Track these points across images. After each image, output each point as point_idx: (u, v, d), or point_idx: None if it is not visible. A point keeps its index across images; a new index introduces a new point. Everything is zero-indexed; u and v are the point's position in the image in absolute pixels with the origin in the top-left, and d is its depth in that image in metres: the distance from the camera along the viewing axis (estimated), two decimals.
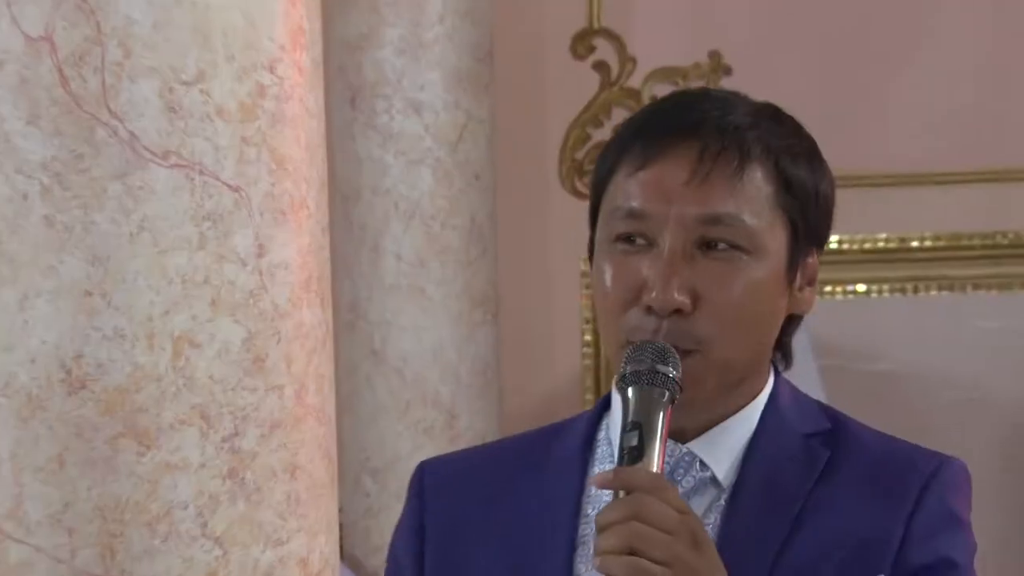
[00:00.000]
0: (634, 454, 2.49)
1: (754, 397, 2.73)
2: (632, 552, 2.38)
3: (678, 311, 2.60)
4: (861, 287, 8.56)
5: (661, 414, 2.53)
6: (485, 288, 8.31)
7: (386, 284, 8.08)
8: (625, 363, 2.59)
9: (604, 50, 8.98)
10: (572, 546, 2.73)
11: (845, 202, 2.93)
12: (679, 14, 8.91)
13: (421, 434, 8.12)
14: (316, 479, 3.72)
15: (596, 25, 8.97)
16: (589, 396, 8.96)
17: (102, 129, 3.45)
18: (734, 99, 2.79)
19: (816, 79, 8.65)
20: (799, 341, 8.29)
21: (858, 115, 8.83)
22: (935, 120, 8.61)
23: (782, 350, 2.80)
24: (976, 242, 8.74)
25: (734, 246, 2.61)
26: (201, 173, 3.51)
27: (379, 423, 7.98)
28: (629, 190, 2.68)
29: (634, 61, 8.97)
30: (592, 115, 9.00)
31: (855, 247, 8.41)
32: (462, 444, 8.18)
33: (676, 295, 2.59)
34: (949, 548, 2.62)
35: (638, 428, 2.52)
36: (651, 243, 2.64)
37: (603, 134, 8.91)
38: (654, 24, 8.94)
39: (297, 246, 3.67)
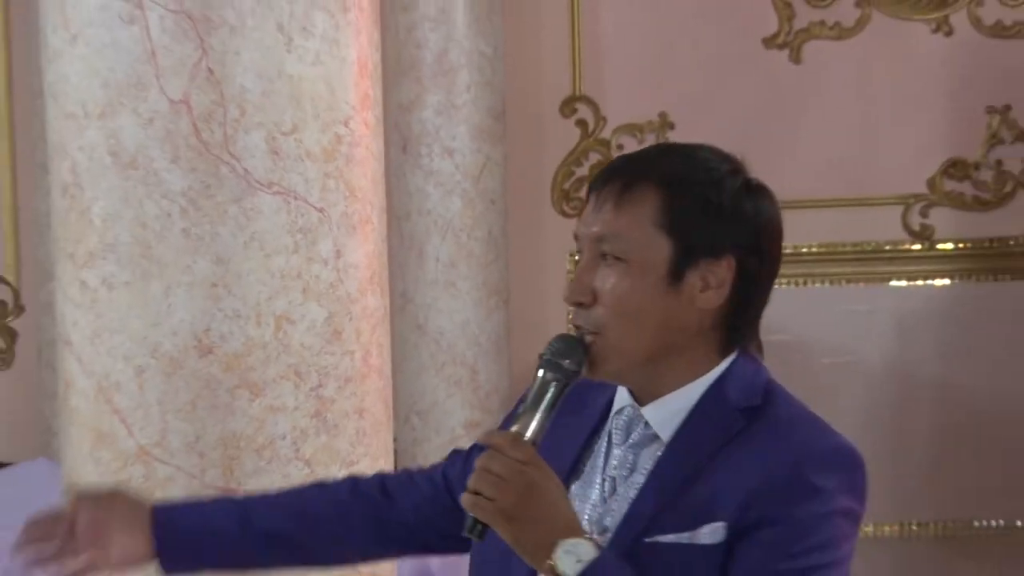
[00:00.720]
0: (515, 419, 2.53)
1: (700, 376, 2.61)
2: (477, 492, 2.41)
3: (580, 304, 2.59)
4: None
5: (548, 394, 2.54)
6: (498, 282, 8.28)
7: (428, 279, 8.07)
8: (546, 350, 2.63)
9: (583, 111, 8.94)
10: (574, 473, 2.70)
11: None
12: (637, 86, 8.86)
13: (452, 386, 8.11)
14: (377, 418, 3.73)
15: (578, 93, 8.93)
16: None
17: (224, 167, 3.47)
18: (667, 147, 2.83)
19: (735, 133, 8.57)
20: None
21: (766, 159, 8.76)
22: (819, 163, 8.62)
23: (738, 335, 2.65)
24: (848, 249, 8.74)
25: (616, 257, 2.56)
26: (295, 198, 3.53)
27: (422, 378, 7.97)
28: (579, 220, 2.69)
29: (605, 119, 8.92)
30: (575, 158, 8.96)
31: None
32: (482, 394, 8.20)
33: (574, 294, 2.60)
34: (791, 509, 2.45)
35: (523, 400, 2.58)
36: (581, 255, 2.65)
37: (583, 171, 8.89)
38: (619, 93, 8.90)
39: (364, 251, 3.69)
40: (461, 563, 4.33)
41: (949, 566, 8.27)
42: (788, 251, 2.81)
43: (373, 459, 3.67)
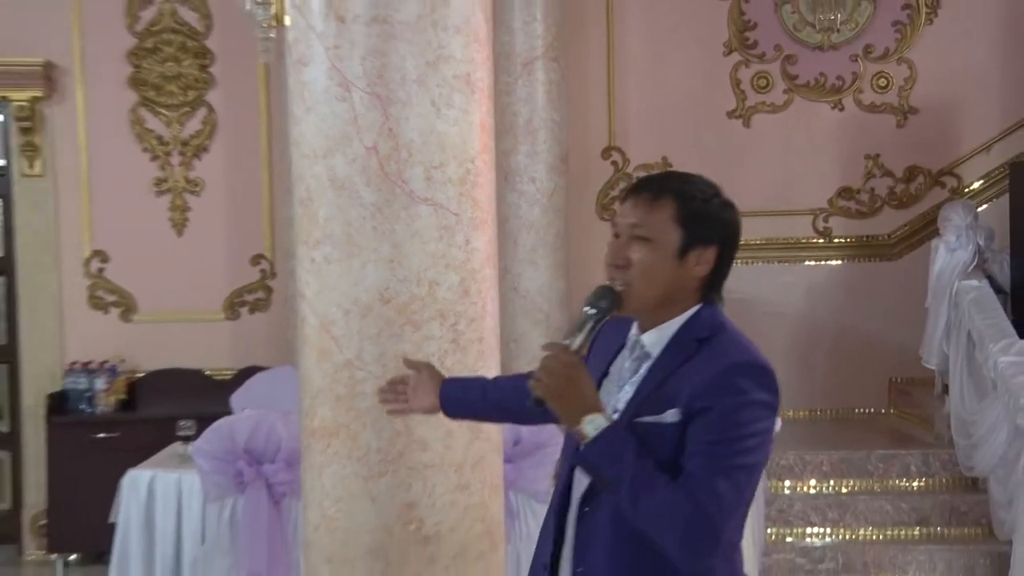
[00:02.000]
0: (569, 337, 2.61)
1: (679, 315, 2.65)
2: (538, 378, 2.55)
3: (618, 266, 2.65)
4: None
5: (587, 321, 2.63)
6: (563, 261, 8.24)
7: (520, 258, 8.01)
8: (590, 295, 2.70)
9: (616, 156, 8.90)
10: (607, 375, 2.76)
11: None
12: (648, 140, 8.82)
13: (533, 325, 8.05)
14: (490, 344, 3.73)
15: (612, 144, 8.87)
16: None
17: (398, 188, 3.47)
18: (678, 173, 2.81)
19: (709, 170, 8.50)
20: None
21: (728, 186, 8.71)
22: (761, 188, 8.56)
23: (710, 292, 2.69)
24: (779, 241, 8.80)
25: (644, 239, 2.62)
26: (441, 207, 3.54)
27: (516, 320, 7.92)
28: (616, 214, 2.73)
29: (628, 160, 8.88)
30: (610, 185, 8.89)
31: None
32: (552, 330, 8.17)
33: (616, 259, 2.66)
34: (718, 401, 2.51)
35: (578, 325, 2.63)
36: (619, 236, 2.69)
37: (615, 193, 8.81)
38: (637, 144, 8.86)
39: (482, 241, 3.68)
40: (545, 429, 4.34)
41: (840, 438, 8.22)
42: (743, 242, 2.84)
43: (487, 370, 3.64)
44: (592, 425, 2.50)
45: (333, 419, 3.56)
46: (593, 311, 2.63)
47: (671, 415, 2.53)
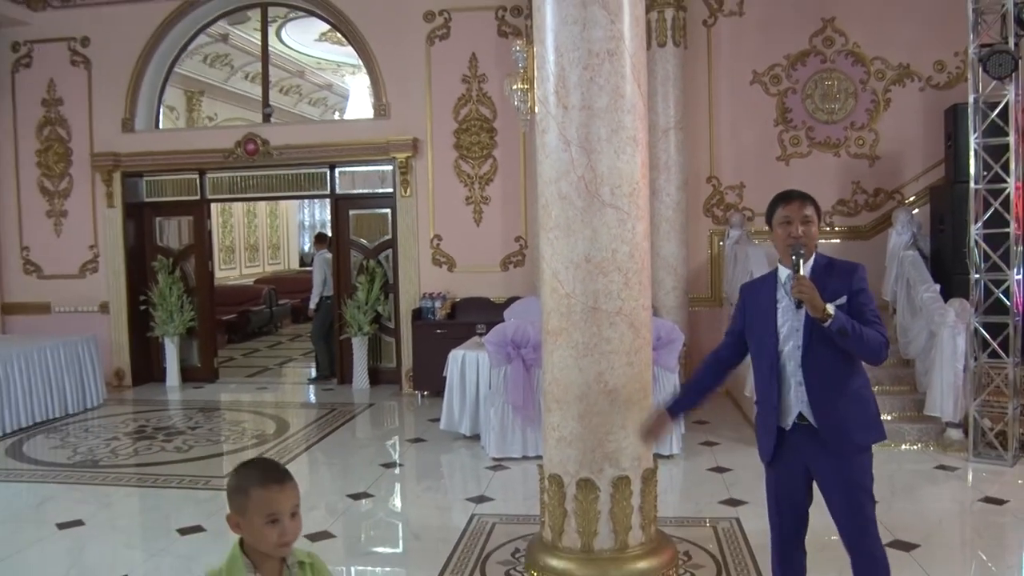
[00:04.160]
0: (796, 271, 2.57)
1: (812, 256, 2.69)
2: (800, 291, 2.56)
3: (799, 237, 2.64)
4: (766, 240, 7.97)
5: (799, 265, 2.59)
6: (684, 239, 7.86)
7: (661, 238, 7.69)
8: (791, 249, 2.65)
9: (714, 181, 8.38)
10: (774, 307, 2.74)
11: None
12: (732, 171, 8.34)
13: (668, 274, 7.73)
14: (645, 285, 3.48)
15: (712, 174, 8.35)
16: (710, 268, 8.48)
17: (594, 198, 3.23)
18: (799, 191, 2.77)
19: (763, 191, 8.00)
20: (760, 253, 7.34)
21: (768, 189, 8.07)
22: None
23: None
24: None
25: (810, 222, 2.66)
26: (619, 209, 3.32)
27: (659, 272, 7.63)
28: (783, 211, 2.69)
29: (722, 183, 8.37)
30: (710, 197, 8.40)
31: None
32: (680, 280, 7.85)
33: (797, 233, 2.65)
34: (861, 286, 2.65)
35: (795, 265, 2.59)
36: (791, 223, 2.66)
37: (714, 201, 8.39)
38: (726, 174, 8.36)
39: (642, 228, 3.41)
40: (674, 331, 3.93)
41: None
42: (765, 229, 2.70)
43: (644, 299, 3.42)
44: (833, 308, 2.57)
45: (558, 325, 3.41)
46: (799, 259, 2.63)
47: (843, 299, 2.62)
